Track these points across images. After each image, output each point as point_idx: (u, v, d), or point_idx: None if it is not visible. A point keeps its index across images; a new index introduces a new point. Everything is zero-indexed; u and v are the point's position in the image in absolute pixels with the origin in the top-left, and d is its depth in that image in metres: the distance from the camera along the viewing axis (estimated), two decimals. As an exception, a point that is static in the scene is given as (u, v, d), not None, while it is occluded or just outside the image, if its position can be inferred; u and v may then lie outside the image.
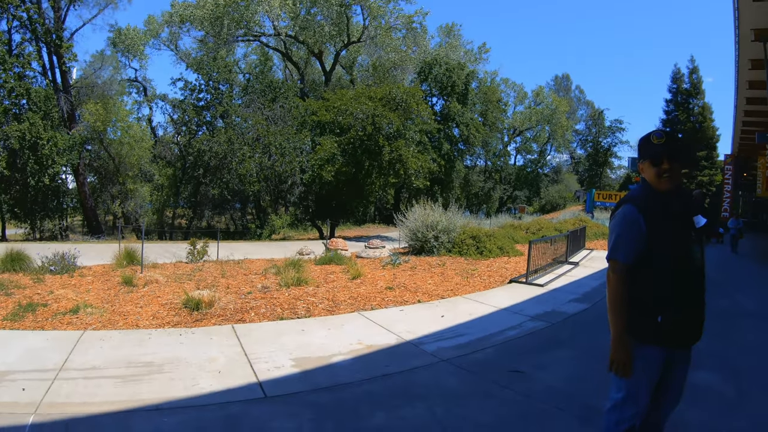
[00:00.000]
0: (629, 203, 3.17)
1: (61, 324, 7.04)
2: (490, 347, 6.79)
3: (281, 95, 32.09)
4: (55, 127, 26.85)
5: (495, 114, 57.96)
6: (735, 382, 5.71)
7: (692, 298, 3.11)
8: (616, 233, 3.18)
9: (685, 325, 3.11)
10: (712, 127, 54.95)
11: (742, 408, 5.03)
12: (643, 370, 3.14)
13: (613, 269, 3.18)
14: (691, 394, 3.87)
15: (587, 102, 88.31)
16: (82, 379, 5.07)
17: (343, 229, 36.24)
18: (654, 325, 3.07)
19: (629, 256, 3.11)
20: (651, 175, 3.16)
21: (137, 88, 47.25)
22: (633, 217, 3.10)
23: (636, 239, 3.08)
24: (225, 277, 11.26)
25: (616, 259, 3.17)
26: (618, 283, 3.15)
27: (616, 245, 3.17)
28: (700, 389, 5.22)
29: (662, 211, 3.09)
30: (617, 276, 3.16)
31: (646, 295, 3.10)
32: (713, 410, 4.88)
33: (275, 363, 5.80)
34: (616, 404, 3.27)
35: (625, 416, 3.21)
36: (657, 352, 3.12)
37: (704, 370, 5.68)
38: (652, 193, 3.17)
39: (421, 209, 16.83)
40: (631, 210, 3.13)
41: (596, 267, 15.19)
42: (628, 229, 3.12)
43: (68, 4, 29.63)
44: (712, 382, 5.56)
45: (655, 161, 3.13)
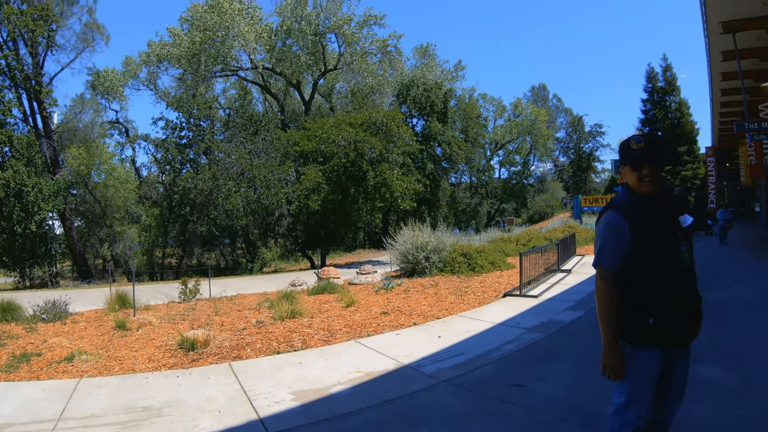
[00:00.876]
0: (613, 209, 3.21)
1: (56, 373, 6.97)
2: (488, 364, 6.80)
3: (262, 128, 32.17)
4: (39, 173, 26.79)
5: (476, 130, 58.38)
6: (736, 372, 5.77)
7: (682, 298, 3.14)
8: (601, 240, 3.23)
9: (678, 326, 3.13)
10: (690, 122, 55.60)
11: (746, 398, 5.08)
12: (641, 373, 3.17)
13: (601, 276, 3.22)
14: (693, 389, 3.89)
15: (566, 109, 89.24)
16: (81, 428, 5.03)
17: (333, 257, 36.19)
18: (646, 328, 3.10)
19: (615, 262, 3.15)
20: (633, 179, 3.21)
21: (119, 130, 47.31)
22: (617, 223, 3.14)
23: (621, 245, 3.12)
24: (219, 314, 11.20)
25: (602, 265, 3.21)
26: (605, 289, 3.18)
27: (601, 252, 3.21)
28: (702, 383, 5.24)
29: (646, 215, 3.13)
30: (605, 282, 3.19)
31: (637, 299, 3.13)
32: (717, 403, 4.91)
33: (275, 398, 5.77)
34: (619, 409, 3.29)
35: (629, 420, 3.23)
36: (653, 354, 3.15)
37: (704, 364, 5.71)
38: (636, 197, 3.21)
39: (409, 231, 16.83)
40: (615, 216, 3.17)
41: (589, 273, 15.21)
42: (612, 236, 3.16)
43: (46, 50, 29.67)
44: (713, 375, 5.60)
45: (635, 166, 3.17)
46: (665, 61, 57.61)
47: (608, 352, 3.17)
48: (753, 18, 17.45)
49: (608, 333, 3.17)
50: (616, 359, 3.16)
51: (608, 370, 3.19)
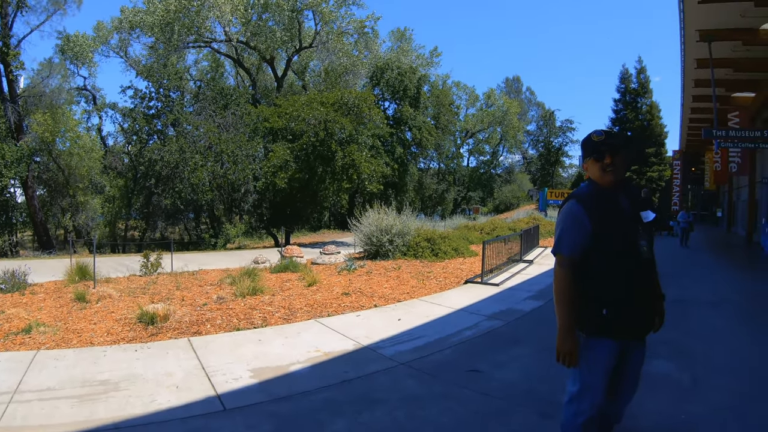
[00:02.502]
0: (574, 199, 3.30)
1: (13, 345, 6.90)
2: (447, 348, 6.88)
3: (233, 102, 31.74)
4: (2, 139, 26.29)
5: (447, 117, 58.45)
6: (690, 369, 5.91)
7: (639, 291, 3.21)
8: (561, 228, 3.31)
9: (632, 318, 3.22)
10: (660, 125, 56.40)
11: (698, 394, 5.22)
12: (595, 363, 3.25)
13: (559, 263, 3.30)
14: (648, 383, 4.01)
15: (538, 103, 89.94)
16: (38, 401, 5.00)
17: (298, 236, 36.09)
18: (600, 318, 3.18)
19: (574, 250, 3.23)
20: (595, 171, 3.29)
21: (86, 97, 46.31)
22: (577, 213, 3.22)
23: (580, 234, 3.20)
24: (180, 289, 11.15)
25: (561, 252, 3.29)
26: (563, 275, 3.27)
27: (560, 240, 3.29)
28: (656, 377, 5.41)
29: (607, 207, 3.21)
30: (563, 269, 3.27)
31: (593, 289, 3.21)
32: (670, 398, 5.04)
33: (233, 375, 5.80)
34: (573, 397, 3.38)
35: (582, 408, 3.32)
36: (607, 344, 3.22)
37: (659, 359, 5.90)
38: (598, 189, 3.29)
39: (375, 213, 16.87)
40: (575, 206, 3.25)
41: (550, 264, 15.39)
42: (571, 224, 3.24)
43: (15, 10, 29.03)
44: (667, 370, 5.76)
45: (598, 157, 3.24)
46: (640, 64, 58.49)
47: (563, 338, 3.25)
48: (730, 29, 17.74)
49: (564, 319, 3.24)
50: (570, 345, 3.23)
51: (562, 356, 3.27)
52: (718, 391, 5.29)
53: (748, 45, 18.43)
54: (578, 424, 3.36)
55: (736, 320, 8.92)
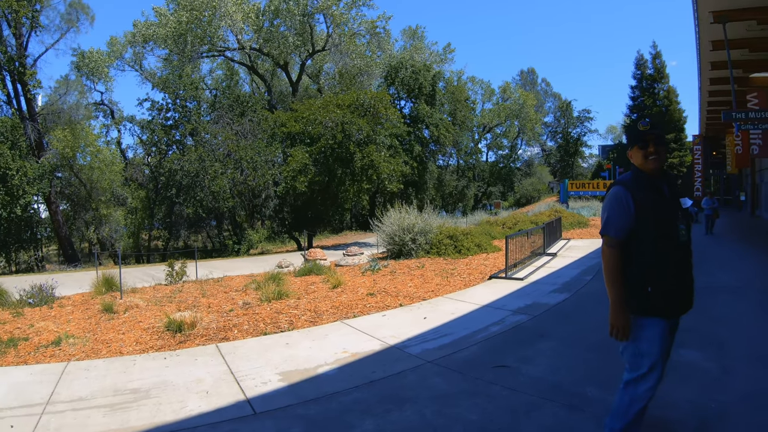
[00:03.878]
0: (619, 185, 3.50)
1: (44, 357, 6.97)
2: (474, 345, 6.85)
3: (249, 109, 31.88)
4: (23, 157, 26.57)
5: (464, 113, 58.18)
6: (718, 357, 5.84)
7: (679, 270, 3.39)
8: (608, 211, 3.50)
9: (674, 296, 3.37)
10: (678, 110, 55.60)
11: (728, 382, 5.14)
12: (649, 342, 3.39)
13: (607, 243, 3.50)
14: (676, 372, 3.98)
15: (554, 94, 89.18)
16: (71, 411, 5.04)
17: (320, 239, 36.18)
18: (646, 297, 3.33)
19: (620, 232, 3.43)
20: (639, 158, 3.48)
21: (104, 112, 46.77)
22: (622, 197, 3.42)
23: (625, 216, 3.40)
24: (205, 296, 11.22)
25: (608, 234, 3.48)
26: (611, 255, 3.46)
27: (608, 222, 3.49)
28: (685, 366, 5.36)
29: (649, 192, 3.40)
30: (611, 249, 3.47)
31: (636, 269, 3.39)
32: (699, 386, 4.98)
33: (262, 379, 5.82)
34: (630, 382, 3.48)
35: (639, 393, 3.43)
36: (659, 323, 3.37)
37: (687, 347, 5.82)
38: (641, 175, 3.49)
39: (396, 213, 16.85)
40: (621, 190, 3.45)
41: (574, 256, 15.34)
42: (617, 208, 3.43)
43: (30, 30, 29.42)
44: (696, 359, 5.70)
45: (642, 145, 3.43)
46: (655, 49, 57.76)
47: (615, 313, 3.43)
48: (743, 8, 17.44)
49: (615, 295, 3.43)
50: (623, 320, 3.40)
51: (615, 330, 3.44)
52: (748, 379, 5.23)
53: (763, 24, 18.12)
54: (633, 411, 3.47)
55: (764, 307, 8.78)
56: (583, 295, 9.89)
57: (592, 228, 25.25)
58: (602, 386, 4.90)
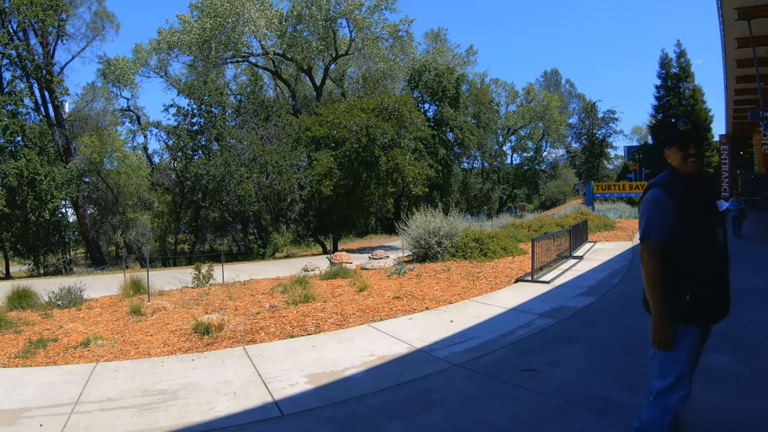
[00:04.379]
0: (657, 187, 3.36)
1: (73, 358, 7.05)
2: (501, 348, 6.81)
3: (274, 113, 32.04)
4: (51, 162, 26.91)
5: (488, 115, 57.95)
6: (748, 361, 5.73)
7: (717, 276, 3.26)
8: (647, 216, 3.35)
9: (712, 303, 3.26)
10: (704, 109, 54.79)
11: (758, 387, 5.04)
12: (682, 351, 3.28)
13: (647, 250, 3.34)
14: (705, 377, 3.90)
15: (578, 95, 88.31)
16: (99, 411, 5.09)
17: (345, 242, 36.23)
18: (684, 304, 3.22)
19: (660, 237, 3.28)
20: (677, 160, 3.35)
21: (130, 118, 47.21)
22: (661, 200, 3.27)
23: (665, 220, 3.25)
24: (232, 299, 11.27)
25: (648, 240, 3.33)
26: (652, 262, 3.30)
27: (647, 227, 3.34)
28: (714, 371, 5.26)
29: (688, 195, 3.26)
30: (651, 256, 3.31)
31: (675, 276, 3.26)
32: (729, 392, 4.89)
33: (289, 381, 5.82)
34: (661, 392, 3.37)
35: (671, 403, 3.33)
36: (693, 331, 3.28)
37: (716, 352, 5.70)
38: (679, 177, 3.35)
39: (421, 216, 16.83)
40: (659, 193, 3.30)
41: (601, 259, 15.20)
42: (657, 212, 3.29)
43: (56, 39, 29.80)
44: (726, 364, 5.59)
45: (682, 146, 3.30)
46: (679, 47, 56.88)
47: (660, 322, 3.28)
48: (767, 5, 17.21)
49: (658, 304, 3.28)
50: (667, 329, 3.26)
51: (658, 341, 3.30)
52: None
53: (788, 20, 17.88)
54: (667, 422, 3.37)
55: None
56: (610, 299, 9.78)
57: (618, 230, 24.99)
58: (630, 390, 4.82)
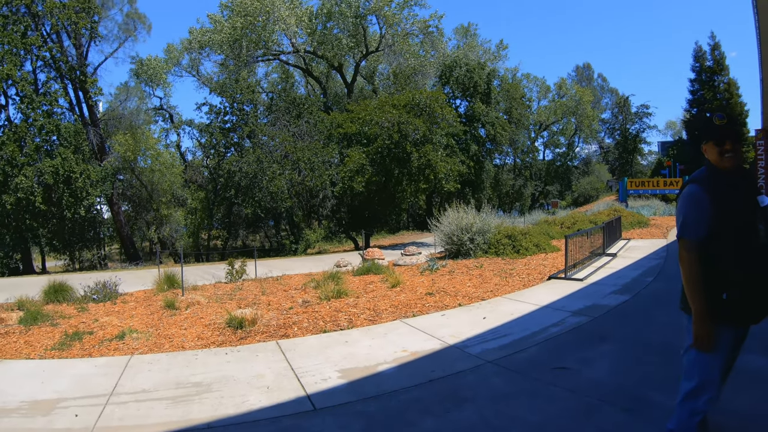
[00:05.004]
0: (694, 183, 3.28)
1: (108, 350, 7.15)
2: (533, 346, 6.76)
3: (305, 111, 32.13)
4: (86, 160, 27.36)
5: (519, 111, 57.44)
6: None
7: (757, 275, 3.13)
8: (684, 212, 3.27)
9: (751, 302, 3.14)
10: (739, 103, 53.62)
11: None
12: (715, 353, 3.20)
13: (685, 247, 3.26)
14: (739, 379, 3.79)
15: (611, 90, 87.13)
16: (134, 402, 5.15)
17: (377, 239, 36.27)
18: (720, 304, 3.12)
19: (699, 234, 3.19)
20: (714, 155, 3.25)
21: (163, 116, 47.90)
22: (699, 196, 3.19)
23: (703, 217, 3.16)
24: (265, 294, 11.34)
25: (686, 237, 3.25)
26: (690, 260, 3.22)
27: (685, 223, 3.26)
28: (749, 373, 5.11)
29: (726, 190, 3.16)
30: (689, 253, 3.23)
31: (712, 274, 3.16)
32: (763, 395, 4.79)
33: (322, 375, 5.83)
34: (688, 394, 3.32)
35: (699, 406, 3.27)
36: (727, 332, 3.19)
37: (752, 353, 5.54)
38: (716, 172, 3.26)
39: (454, 212, 16.77)
40: (697, 189, 3.22)
41: (635, 257, 15.00)
42: (694, 208, 3.21)
43: (89, 41, 30.36)
44: (760, 365, 5.44)
45: (718, 141, 3.21)
46: (713, 40, 55.73)
47: (699, 322, 3.19)
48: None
49: (699, 303, 3.19)
50: (707, 330, 3.17)
51: (699, 341, 3.20)
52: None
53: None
54: (694, 424, 3.31)
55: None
56: (644, 297, 9.63)
57: (652, 228, 24.65)
58: (663, 390, 4.73)
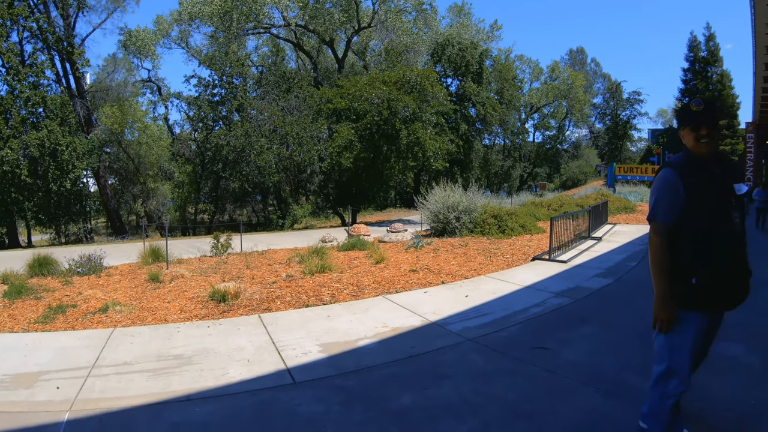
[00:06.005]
0: (669, 167, 3.29)
1: (91, 323, 7.15)
2: (514, 325, 6.82)
3: (295, 85, 31.94)
4: (73, 133, 27.05)
5: (511, 92, 57.31)
6: (762, 352, 5.65)
7: (729, 260, 3.18)
8: (656, 196, 3.30)
9: (721, 288, 3.17)
10: (732, 95, 53.93)
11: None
12: (683, 338, 3.25)
13: (654, 230, 3.29)
14: (717, 366, 3.85)
15: (604, 75, 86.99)
16: (114, 374, 5.17)
17: (364, 215, 36.29)
18: (690, 289, 3.16)
19: (668, 218, 3.22)
20: (690, 140, 3.27)
21: (151, 89, 47.32)
22: (672, 180, 3.21)
23: (675, 202, 3.19)
24: (249, 268, 11.35)
25: (656, 220, 3.28)
26: (659, 243, 3.26)
27: (655, 207, 3.29)
28: (727, 360, 5.19)
29: (701, 176, 3.18)
30: (658, 236, 3.27)
31: (683, 258, 3.20)
32: (740, 382, 4.83)
33: (303, 349, 5.87)
34: (659, 378, 3.37)
35: (670, 390, 3.32)
36: (697, 318, 3.22)
37: (730, 341, 5.64)
38: (692, 158, 3.27)
39: (441, 191, 16.82)
40: (670, 174, 3.24)
41: (619, 241, 15.11)
42: (666, 192, 3.23)
43: (77, 11, 29.89)
44: (738, 353, 5.52)
45: (694, 127, 3.22)
46: (708, 31, 55.86)
47: (661, 304, 3.25)
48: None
49: (661, 286, 3.24)
50: (668, 312, 3.23)
51: (659, 323, 3.28)
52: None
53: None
54: (667, 407, 3.36)
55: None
56: (627, 282, 9.72)
57: (638, 213, 24.83)
58: (641, 373, 4.77)
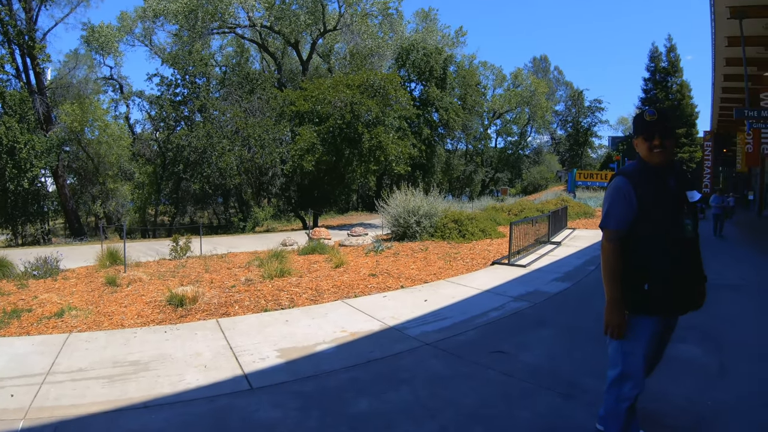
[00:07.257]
0: (621, 175, 3.34)
1: (46, 328, 7.04)
2: (472, 329, 6.87)
3: (259, 86, 31.78)
4: (31, 130, 26.54)
5: (474, 97, 57.78)
6: (718, 354, 5.78)
7: (681, 268, 3.23)
8: (609, 203, 3.35)
9: (673, 294, 3.23)
10: (690, 105, 55.29)
11: (726, 380, 5.10)
12: (636, 342, 3.30)
13: (607, 237, 3.34)
14: (674, 368, 3.95)
15: (566, 83, 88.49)
16: (70, 381, 5.10)
17: (326, 218, 36.26)
18: (642, 294, 3.21)
19: (620, 225, 3.26)
20: (644, 150, 3.30)
21: (113, 86, 46.60)
22: (624, 188, 3.25)
23: (626, 209, 3.23)
24: (209, 271, 11.28)
25: (608, 227, 3.33)
26: (611, 249, 3.30)
27: (608, 214, 3.33)
28: (683, 362, 5.31)
29: (653, 184, 3.23)
30: (610, 243, 3.31)
31: (635, 264, 3.25)
32: (696, 383, 4.94)
33: (260, 355, 5.87)
34: (614, 381, 3.43)
35: (624, 392, 3.38)
36: (649, 322, 3.27)
37: (687, 343, 5.79)
38: (645, 166, 3.31)
39: (402, 195, 16.86)
40: (622, 181, 3.28)
41: (579, 246, 15.32)
42: (618, 200, 3.27)
43: (39, 4, 29.32)
44: (694, 355, 5.65)
45: (647, 137, 3.26)
46: (670, 42, 57.34)
47: (611, 310, 3.30)
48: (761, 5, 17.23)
49: (612, 292, 3.29)
50: (618, 318, 3.28)
51: (610, 329, 3.32)
52: (747, 377, 5.17)
53: (781, 22, 17.96)
54: (622, 410, 3.42)
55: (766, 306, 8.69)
56: (585, 285, 9.88)
57: (597, 219, 24.80)
58: (598, 376, 4.81)
